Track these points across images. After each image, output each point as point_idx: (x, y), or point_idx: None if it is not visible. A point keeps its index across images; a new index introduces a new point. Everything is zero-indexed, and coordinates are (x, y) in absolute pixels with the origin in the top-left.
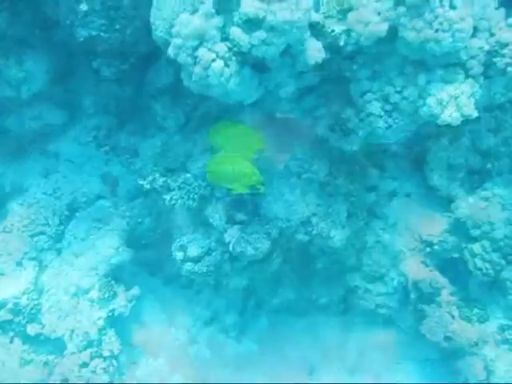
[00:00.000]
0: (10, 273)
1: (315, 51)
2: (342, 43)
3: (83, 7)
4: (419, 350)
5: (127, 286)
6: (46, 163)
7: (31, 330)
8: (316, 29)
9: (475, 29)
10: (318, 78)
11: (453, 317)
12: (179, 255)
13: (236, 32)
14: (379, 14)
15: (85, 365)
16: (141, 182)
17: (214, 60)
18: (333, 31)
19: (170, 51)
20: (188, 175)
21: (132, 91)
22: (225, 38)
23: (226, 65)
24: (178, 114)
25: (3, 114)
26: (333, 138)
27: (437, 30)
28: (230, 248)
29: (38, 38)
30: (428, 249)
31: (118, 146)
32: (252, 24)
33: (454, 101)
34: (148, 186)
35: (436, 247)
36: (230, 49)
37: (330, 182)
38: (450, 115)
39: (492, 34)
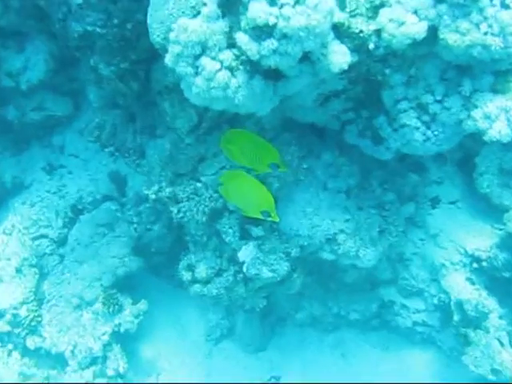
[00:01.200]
0: (8, 280)
1: (340, 56)
2: (371, 46)
3: None
4: (462, 375)
5: (134, 298)
6: (49, 158)
7: (31, 343)
8: (341, 30)
9: None
10: (344, 81)
11: (502, 344)
12: (186, 276)
13: (243, 39)
14: (416, 12)
15: None
16: (146, 192)
17: (218, 70)
18: (361, 32)
19: (167, 60)
20: (198, 184)
21: (138, 87)
22: (231, 45)
23: (233, 75)
24: (189, 114)
25: (3, 105)
26: (363, 145)
27: (485, 33)
28: (244, 269)
29: (35, 29)
30: (475, 264)
31: (123, 145)
32: (261, 31)
33: (504, 114)
34: (153, 197)
35: (484, 263)
36: (237, 56)
37: (359, 192)
38: (499, 131)
39: None
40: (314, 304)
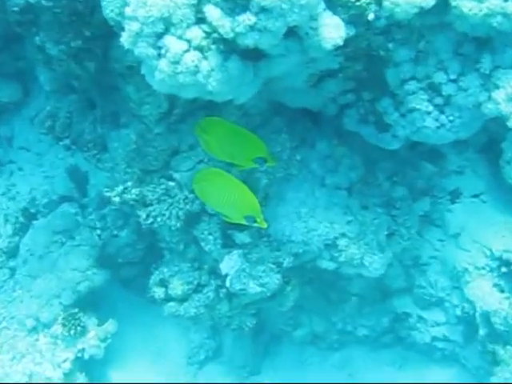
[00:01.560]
0: None
1: (332, 30)
2: (371, 17)
3: None
4: None
5: (101, 317)
6: None
7: None
8: None
9: None
10: (340, 58)
11: None
12: (159, 293)
13: (213, 14)
14: None
15: None
16: (108, 194)
17: (186, 51)
18: (357, 0)
19: (124, 40)
20: (171, 183)
21: (96, 68)
22: (201, 20)
23: (204, 57)
24: (157, 99)
25: None
26: (366, 133)
27: (506, 0)
28: (227, 284)
29: None
30: (503, 269)
31: (81, 138)
32: (235, 4)
33: None
34: (117, 199)
35: None
36: (208, 34)
37: (363, 188)
38: None
39: None
40: (314, 319)
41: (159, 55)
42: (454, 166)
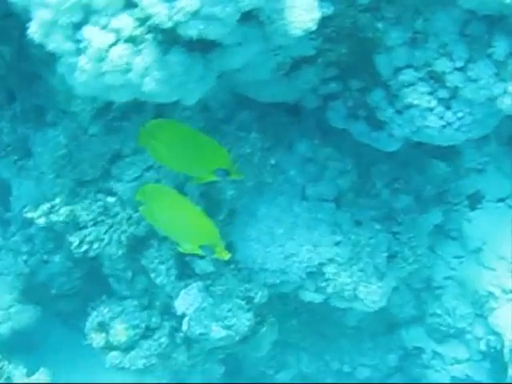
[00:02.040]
0: None
1: (302, 12)
2: None
3: None
4: None
5: (30, 364)
6: None
7: None
8: None
9: None
10: (317, 42)
11: None
12: (97, 340)
13: None
14: None
15: None
16: (29, 215)
17: (112, 44)
18: None
19: (33, 32)
20: (110, 199)
21: (12, 53)
22: (131, 4)
23: (137, 51)
24: None
25: None
26: (356, 130)
27: None
28: (184, 327)
29: None
30: None
31: None
32: None
33: None
34: (42, 221)
35: None
36: (141, 22)
37: (356, 199)
38: None
39: None
40: (303, 358)
41: (79, 51)
42: (473, 163)
